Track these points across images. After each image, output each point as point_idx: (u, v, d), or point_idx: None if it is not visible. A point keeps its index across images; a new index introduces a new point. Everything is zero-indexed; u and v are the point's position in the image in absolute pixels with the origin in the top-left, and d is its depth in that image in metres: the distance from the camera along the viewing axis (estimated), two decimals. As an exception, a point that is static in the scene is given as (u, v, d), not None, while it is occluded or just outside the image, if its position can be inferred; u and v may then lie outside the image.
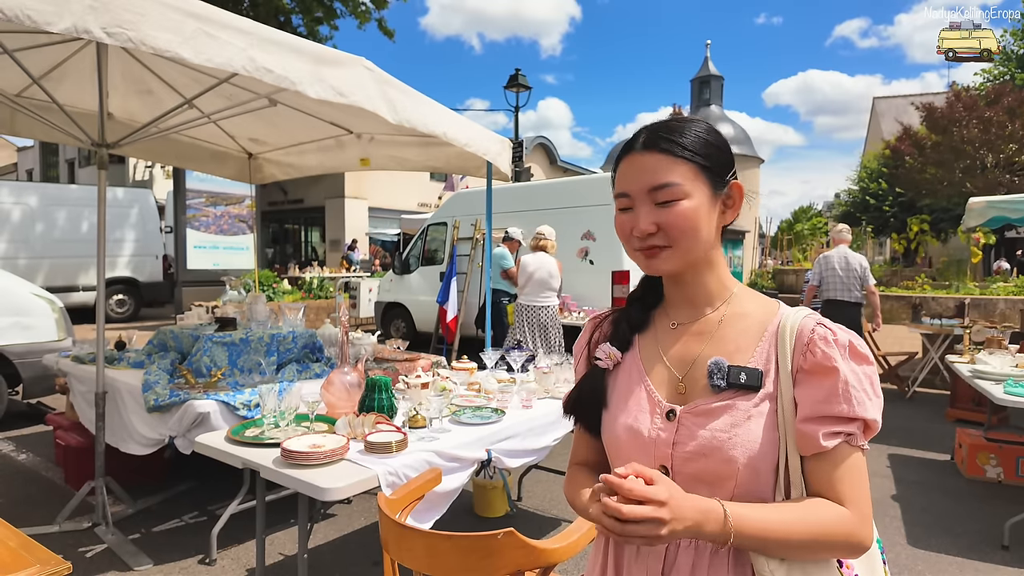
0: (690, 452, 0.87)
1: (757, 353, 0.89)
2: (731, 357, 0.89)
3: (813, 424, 0.83)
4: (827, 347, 0.85)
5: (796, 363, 0.86)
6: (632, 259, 0.96)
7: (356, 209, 18.83)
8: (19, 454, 4.32)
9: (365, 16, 13.11)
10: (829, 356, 0.84)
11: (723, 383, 0.87)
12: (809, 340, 0.86)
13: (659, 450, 0.90)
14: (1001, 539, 3.06)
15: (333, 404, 2.42)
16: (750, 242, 26.53)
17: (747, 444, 0.84)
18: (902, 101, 25.23)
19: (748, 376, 0.87)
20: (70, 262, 11.29)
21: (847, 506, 0.82)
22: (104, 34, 1.84)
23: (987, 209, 6.47)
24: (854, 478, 0.83)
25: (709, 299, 0.95)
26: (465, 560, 1.29)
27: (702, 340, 0.93)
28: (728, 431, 0.85)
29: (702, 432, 0.87)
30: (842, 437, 0.83)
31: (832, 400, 0.83)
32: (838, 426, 0.83)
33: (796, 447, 0.85)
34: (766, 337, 0.90)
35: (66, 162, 24.72)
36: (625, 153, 0.93)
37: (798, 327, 0.88)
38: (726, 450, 0.84)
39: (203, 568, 2.75)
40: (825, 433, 0.83)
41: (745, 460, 0.84)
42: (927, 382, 6.54)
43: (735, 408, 0.86)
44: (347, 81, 2.56)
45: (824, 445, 0.82)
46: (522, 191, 8.75)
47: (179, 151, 4.45)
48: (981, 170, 14.29)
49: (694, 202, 0.87)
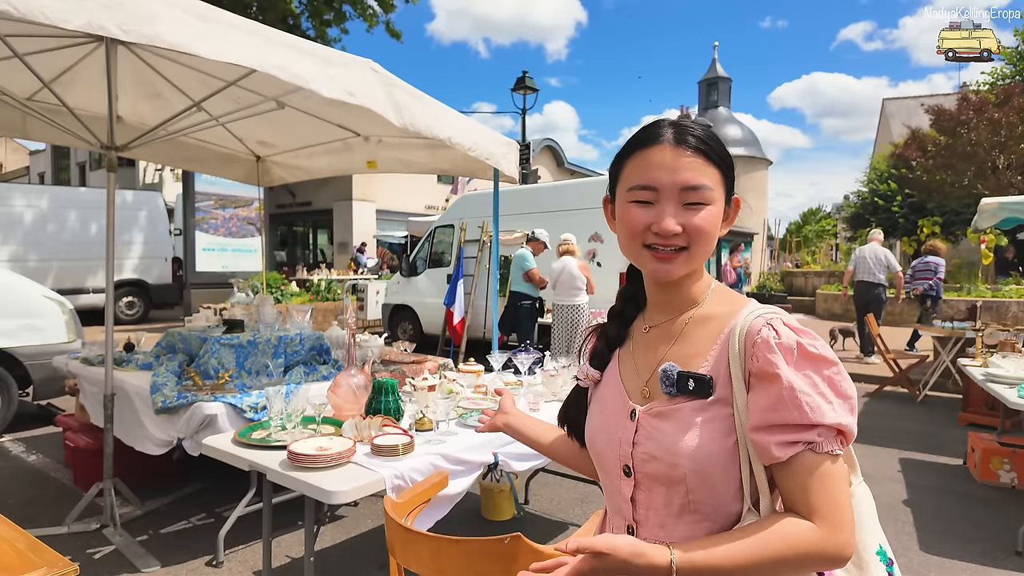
0: (645, 453, 0.88)
1: (711, 358, 0.86)
2: (689, 361, 0.88)
3: (763, 434, 0.79)
4: (768, 352, 0.80)
5: (746, 367, 0.82)
6: (632, 257, 0.91)
7: (364, 212, 18.88)
8: (29, 455, 4.35)
9: (372, 19, 13.16)
10: (770, 362, 0.79)
11: (672, 389, 0.86)
12: (754, 343, 0.81)
13: (623, 449, 0.91)
14: (1015, 545, 3.01)
15: (340, 406, 2.41)
16: (758, 245, 26.40)
17: (693, 450, 0.82)
18: (912, 102, 25.04)
19: (696, 383, 0.84)
20: (80, 264, 11.37)
21: (816, 518, 0.76)
22: (119, 31, 1.85)
23: (999, 210, 6.40)
24: (825, 487, 0.77)
25: (685, 304, 0.93)
26: (472, 564, 1.28)
27: (667, 343, 0.92)
28: (676, 435, 0.84)
29: (655, 434, 0.87)
30: (801, 446, 0.77)
31: (779, 408, 0.78)
32: (792, 434, 0.77)
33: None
34: (720, 341, 0.86)
35: (77, 165, 24.94)
36: (649, 144, 0.86)
37: (747, 329, 0.83)
38: (672, 454, 0.84)
39: (210, 570, 2.75)
40: (778, 443, 0.78)
41: (691, 465, 0.83)
42: (939, 385, 6.46)
43: (684, 413, 0.85)
44: (355, 83, 2.57)
45: (778, 456, 0.78)
46: (529, 193, 8.75)
47: (188, 154, 4.48)
48: (992, 172, 14.16)
49: (716, 209, 0.86)
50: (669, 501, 0.86)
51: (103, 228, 11.17)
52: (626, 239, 0.90)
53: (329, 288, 11.50)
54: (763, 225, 24.77)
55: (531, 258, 6.59)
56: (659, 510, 0.88)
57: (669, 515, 0.87)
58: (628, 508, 0.91)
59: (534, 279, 6.54)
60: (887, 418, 5.50)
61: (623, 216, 0.89)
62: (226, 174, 4.78)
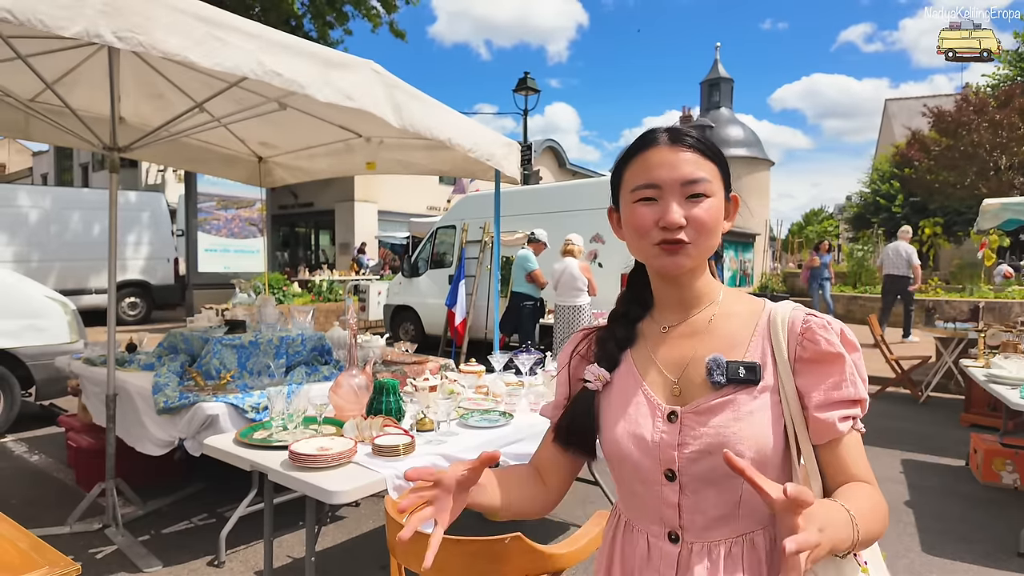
0: (696, 452, 0.86)
1: (752, 347, 0.89)
2: (726, 354, 0.89)
3: (828, 410, 0.85)
4: (828, 334, 0.87)
5: (794, 353, 0.88)
6: (642, 255, 0.92)
7: (366, 212, 18.90)
8: (31, 455, 4.36)
9: (376, 19, 13.17)
10: (831, 342, 0.86)
11: (723, 379, 0.86)
12: (804, 329, 0.88)
13: (664, 453, 0.88)
14: (1017, 546, 3.01)
15: (341, 407, 2.42)
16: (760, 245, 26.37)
17: (753, 437, 0.84)
18: (914, 103, 25.00)
19: (747, 370, 0.87)
20: (82, 265, 11.39)
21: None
22: (115, 38, 1.85)
23: (1002, 211, 6.40)
24: (863, 458, 0.87)
25: (699, 301, 0.94)
26: (472, 564, 1.28)
27: (694, 340, 0.92)
28: (732, 426, 0.84)
29: (705, 430, 0.86)
30: (851, 421, 0.86)
31: (842, 385, 0.85)
32: (848, 409, 0.85)
33: (807, 437, 0.86)
34: (758, 331, 0.91)
35: (80, 166, 25.00)
36: (647, 147, 0.90)
37: (789, 318, 0.90)
38: (732, 445, 0.83)
39: (212, 570, 2.75)
40: (840, 418, 0.85)
41: (753, 454, 0.83)
42: (941, 386, 6.45)
43: (737, 403, 0.85)
44: (355, 85, 2.57)
45: (841, 430, 0.85)
46: (531, 194, 8.76)
47: (190, 155, 4.48)
48: (994, 172, 14.14)
49: (717, 200, 0.89)
50: (719, 501, 0.86)
51: (106, 229, 11.17)
52: (635, 239, 0.91)
53: (331, 289, 11.51)
54: (765, 226, 24.72)
55: (533, 259, 6.60)
56: (707, 512, 0.87)
57: (717, 516, 0.86)
58: (673, 514, 0.89)
59: (537, 280, 6.56)
60: (889, 419, 5.49)
61: (629, 217, 0.91)
62: (228, 175, 4.79)
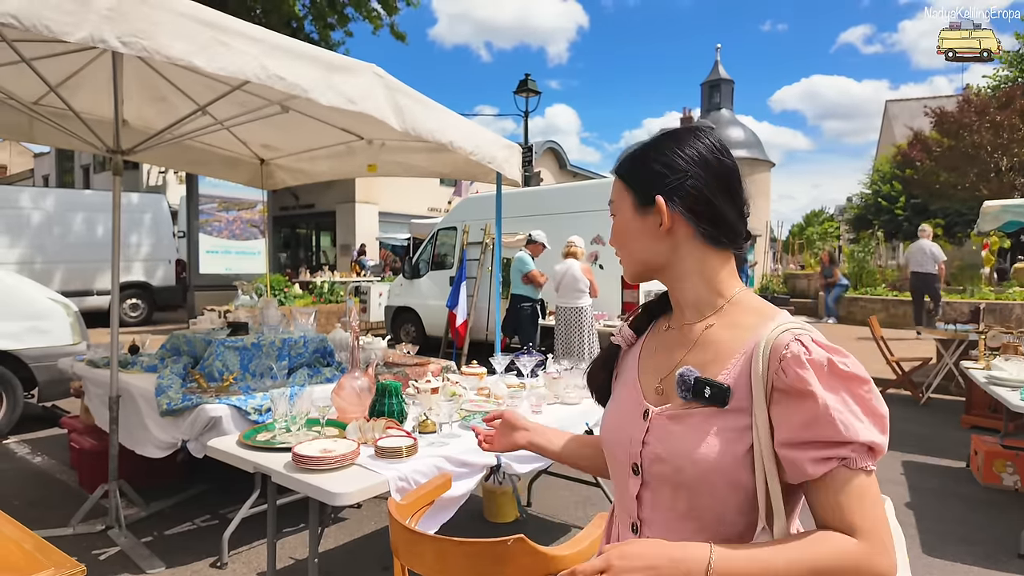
0: (654, 454, 0.89)
1: (731, 367, 0.85)
2: (707, 367, 0.87)
3: (795, 450, 0.78)
4: (800, 368, 0.78)
5: (770, 381, 0.81)
6: None
7: (367, 214, 18.92)
8: (34, 457, 4.37)
9: (377, 21, 13.18)
10: (803, 379, 0.77)
11: (688, 394, 0.85)
12: (782, 358, 0.80)
13: (632, 447, 0.92)
14: (1018, 548, 3.01)
15: (344, 409, 2.43)
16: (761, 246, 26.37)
17: (702, 458, 0.82)
18: (915, 104, 25.00)
19: (713, 391, 0.83)
20: (85, 266, 11.41)
21: (858, 535, 0.75)
22: (120, 43, 1.86)
23: (1002, 212, 6.39)
24: (862, 504, 0.76)
25: (695, 307, 0.93)
26: (475, 566, 1.29)
27: (684, 347, 0.93)
28: (685, 440, 0.85)
29: (665, 436, 0.88)
30: (836, 462, 0.76)
31: (813, 426, 0.76)
32: (827, 450, 0.76)
33: (776, 472, 0.80)
34: (744, 351, 0.85)
35: (81, 168, 25.04)
36: None
37: (773, 342, 0.81)
38: (679, 459, 0.84)
39: (214, 571, 2.76)
40: (812, 459, 0.76)
41: (697, 473, 0.83)
42: (942, 388, 6.45)
43: (696, 420, 0.85)
44: (357, 88, 2.58)
45: (812, 472, 0.77)
46: (532, 195, 8.77)
47: (192, 157, 4.50)
48: (995, 174, 14.13)
49: (622, 217, 0.95)
50: (674, 504, 0.87)
51: (108, 230, 11.21)
52: None
53: (332, 290, 11.52)
54: (766, 227, 24.73)
55: (529, 260, 6.60)
56: (664, 511, 0.89)
57: (673, 517, 0.88)
58: (634, 506, 0.92)
59: (534, 280, 6.56)
60: (890, 421, 5.48)
61: None
62: (230, 177, 4.80)
